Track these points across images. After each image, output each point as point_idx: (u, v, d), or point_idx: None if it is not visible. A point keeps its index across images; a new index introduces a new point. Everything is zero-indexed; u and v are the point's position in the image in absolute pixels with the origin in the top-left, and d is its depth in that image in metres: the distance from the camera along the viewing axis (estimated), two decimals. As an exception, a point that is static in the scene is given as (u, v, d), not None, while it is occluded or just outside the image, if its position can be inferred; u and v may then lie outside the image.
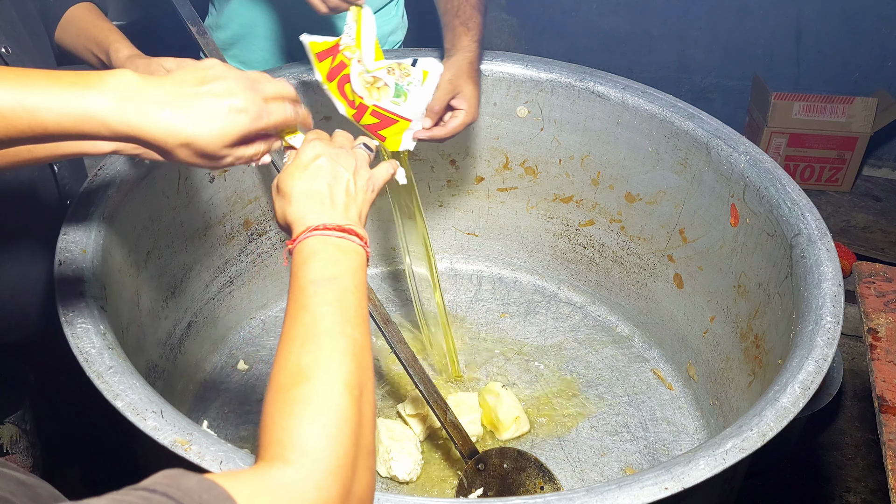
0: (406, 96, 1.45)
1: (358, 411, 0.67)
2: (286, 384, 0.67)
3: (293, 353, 0.70)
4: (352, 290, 0.77)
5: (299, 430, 0.63)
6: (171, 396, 1.53)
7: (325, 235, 0.81)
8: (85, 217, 1.28)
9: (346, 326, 0.73)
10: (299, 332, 0.72)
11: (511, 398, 1.59)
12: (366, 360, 0.73)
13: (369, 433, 0.68)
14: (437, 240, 1.96)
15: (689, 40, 2.95)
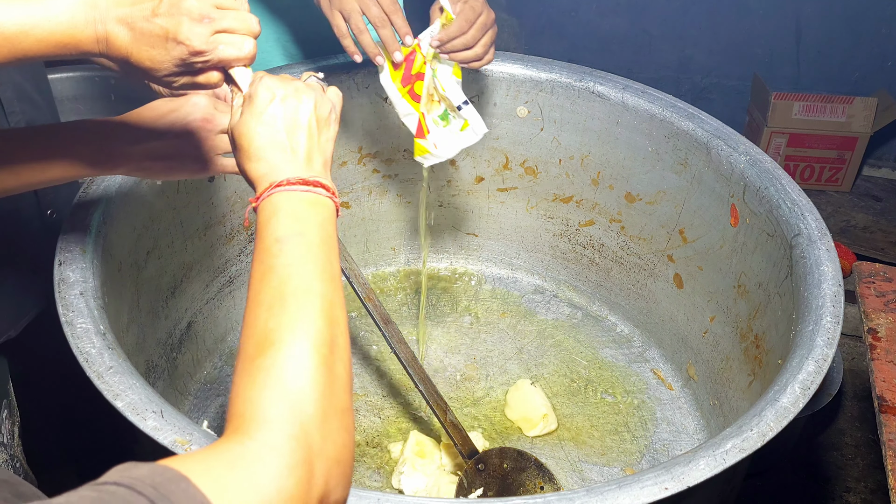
0: (448, 123, 1.41)
1: (328, 371, 0.65)
2: (252, 353, 0.66)
3: (259, 318, 0.68)
4: (318, 245, 0.74)
5: (260, 400, 0.62)
6: (171, 396, 1.53)
7: (289, 191, 0.76)
8: (85, 217, 1.28)
9: (314, 283, 0.70)
10: (266, 295, 0.69)
11: (540, 395, 1.60)
12: (337, 316, 0.70)
13: (343, 391, 0.66)
14: (436, 240, 1.97)
15: (689, 40, 2.95)
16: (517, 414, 1.60)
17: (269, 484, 0.57)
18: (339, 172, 1.81)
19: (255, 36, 0.81)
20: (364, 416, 1.60)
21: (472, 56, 1.37)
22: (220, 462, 0.57)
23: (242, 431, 0.60)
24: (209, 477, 0.55)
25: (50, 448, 1.73)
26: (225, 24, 0.78)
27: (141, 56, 0.76)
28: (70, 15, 0.75)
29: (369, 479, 1.49)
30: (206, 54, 0.77)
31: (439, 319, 1.84)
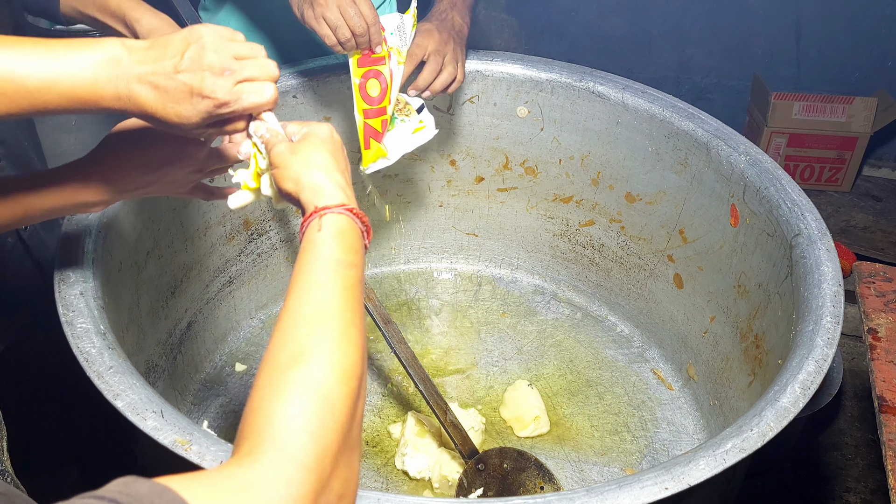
0: (392, 127, 1.47)
1: (352, 405, 0.64)
2: (285, 363, 0.64)
3: (300, 331, 0.67)
4: (362, 283, 0.75)
5: (282, 420, 0.60)
6: (171, 396, 1.54)
7: (353, 220, 0.77)
8: (85, 217, 1.28)
9: (356, 316, 0.70)
10: (311, 310, 0.68)
11: (536, 397, 1.60)
12: (365, 354, 0.70)
13: (358, 429, 0.66)
14: (437, 240, 1.97)
15: (689, 40, 2.95)
16: (511, 413, 1.60)
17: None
18: (339, 172, 1.81)
19: (275, 80, 0.83)
20: (364, 415, 1.60)
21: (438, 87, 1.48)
22: (225, 490, 0.55)
23: (256, 454, 0.58)
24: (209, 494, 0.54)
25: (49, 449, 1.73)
26: (246, 74, 0.80)
27: (167, 112, 0.78)
28: (93, 72, 0.76)
29: (370, 479, 1.49)
30: (232, 105, 0.79)
31: (439, 319, 1.84)
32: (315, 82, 1.67)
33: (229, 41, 0.80)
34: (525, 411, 1.58)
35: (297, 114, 1.68)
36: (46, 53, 0.75)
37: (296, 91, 1.66)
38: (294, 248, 1.84)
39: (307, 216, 0.77)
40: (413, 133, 1.48)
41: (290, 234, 1.81)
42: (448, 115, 1.78)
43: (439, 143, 1.81)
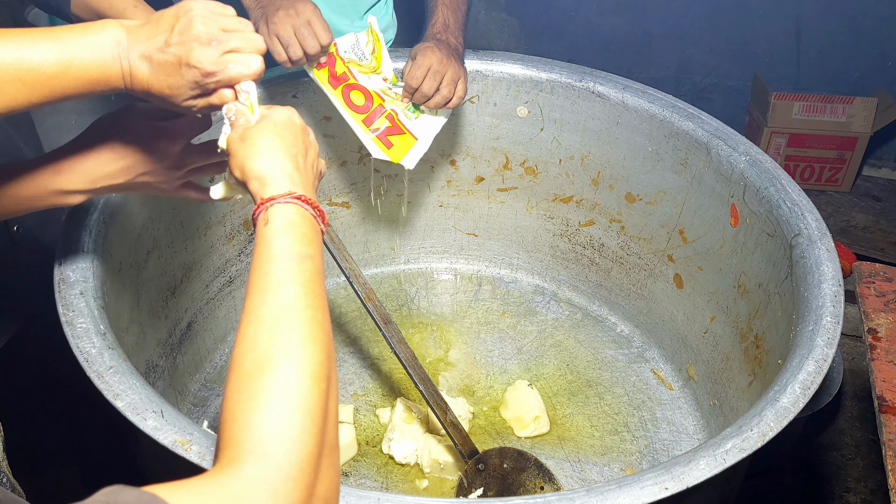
0: (419, 115, 1.53)
1: (324, 405, 0.63)
2: (251, 371, 0.62)
3: (262, 335, 0.65)
4: (320, 273, 0.72)
5: (260, 430, 0.58)
6: (171, 396, 1.53)
7: (304, 208, 0.76)
8: (85, 217, 1.28)
9: (318, 312, 0.68)
10: (270, 310, 0.66)
11: (536, 397, 1.60)
12: (332, 350, 0.69)
13: (333, 428, 0.64)
14: (437, 240, 1.97)
15: (689, 40, 2.95)
16: (511, 413, 1.60)
17: None
18: (339, 172, 1.81)
19: (261, 53, 0.84)
20: (364, 415, 1.60)
21: (439, 101, 1.50)
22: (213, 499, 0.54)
23: (239, 464, 0.57)
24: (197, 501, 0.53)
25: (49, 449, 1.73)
26: (232, 45, 0.81)
27: (160, 85, 0.81)
28: (101, 53, 0.79)
29: (370, 479, 1.49)
30: (218, 74, 0.81)
31: (440, 319, 1.84)
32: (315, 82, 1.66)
33: (218, 14, 0.81)
34: (525, 411, 1.58)
35: (297, 114, 1.68)
36: (56, 40, 0.78)
37: (295, 91, 1.66)
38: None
39: (255, 209, 0.76)
40: (437, 115, 1.55)
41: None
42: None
43: (439, 143, 1.81)
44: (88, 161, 0.94)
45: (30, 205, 0.96)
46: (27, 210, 0.97)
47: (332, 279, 1.89)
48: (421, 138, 1.53)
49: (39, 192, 0.94)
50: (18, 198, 0.94)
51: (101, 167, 0.94)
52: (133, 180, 0.96)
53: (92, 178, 0.95)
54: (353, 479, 1.48)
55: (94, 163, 0.94)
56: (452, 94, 1.51)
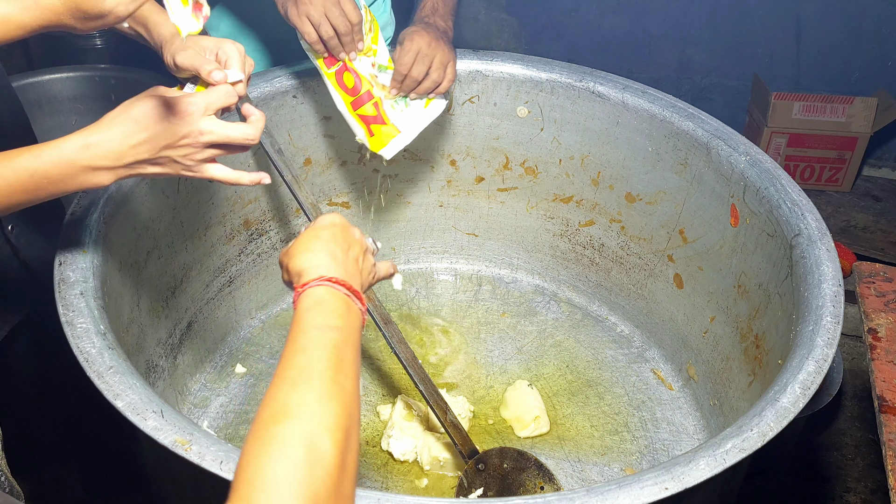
0: (407, 106, 1.52)
1: (339, 456, 0.66)
2: (267, 421, 0.67)
3: (281, 391, 0.70)
4: (350, 344, 0.79)
5: (272, 472, 0.62)
6: (171, 396, 1.53)
7: (334, 288, 0.84)
8: (85, 217, 1.28)
9: (339, 375, 0.73)
10: (291, 372, 0.72)
11: (536, 397, 1.61)
12: (354, 410, 0.72)
13: (350, 481, 0.67)
14: (437, 240, 1.97)
15: (689, 40, 2.95)
16: (511, 413, 1.60)
17: None
18: (339, 172, 1.81)
19: None
20: (364, 415, 1.60)
21: (429, 86, 1.50)
22: None
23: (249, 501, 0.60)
24: None
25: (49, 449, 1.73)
26: None
27: None
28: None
29: (370, 478, 1.49)
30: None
31: (440, 319, 1.84)
32: (315, 82, 1.67)
33: None
34: (525, 411, 1.58)
35: (297, 113, 1.68)
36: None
37: (295, 91, 1.66)
38: (294, 248, 1.84)
39: (294, 298, 0.84)
40: (426, 107, 1.53)
41: (290, 235, 1.81)
42: (447, 115, 1.78)
43: (439, 143, 1.82)
44: (114, 135, 0.95)
45: (59, 186, 0.96)
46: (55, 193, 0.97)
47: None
48: (404, 131, 1.52)
49: (68, 171, 0.95)
50: (50, 177, 0.94)
51: (127, 139, 0.95)
52: (158, 155, 0.97)
53: (119, 152, 0.95)
54: (353, 479, 1.48)
55: (120, 137, 0.95)
56: (443, 77, 1.50)
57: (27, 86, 2.26)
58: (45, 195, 0.97)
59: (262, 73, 1.64)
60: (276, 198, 1.73)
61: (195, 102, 0.97)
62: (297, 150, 1.72)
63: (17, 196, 0.95)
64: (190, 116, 0.96)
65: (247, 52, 1.75)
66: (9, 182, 0.94)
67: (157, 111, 0.95)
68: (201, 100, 0.97)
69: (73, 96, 2.31)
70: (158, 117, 0.95)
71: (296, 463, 0.63)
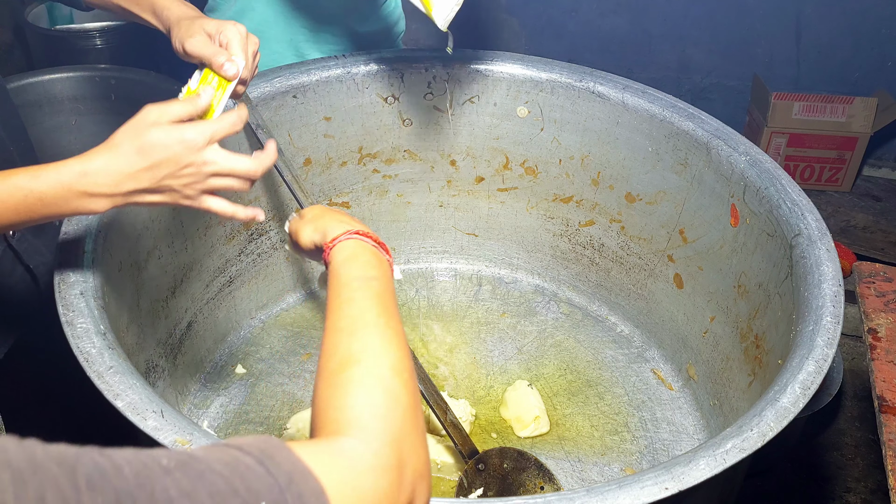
0: None
1: (408, 392, 0.70)
2: (336, 369, 0.70)
3: (342, 341, 0.73)
4: (390, 290, 0.83)
5: (353, 409, 0.65)
6: (171, 396, 1.53)
7: (363, 241, 0.88)
8: (85, 218, 1.28)
9: (390, 319, 0.77)
10: (346, 322, 0.75)
11: (536, 397, 1.60)
12: (408, 350, 0.76)
13: (419, 413, 0.70)
14: (437, 240, 1.97)
15: (689, 40, 2.95)
16: (511, 413, 1.60)
17: (366, 477, 0.60)
18: (339, 172, 1.81)
19: None
20: (364, 416, 1.60)
21: None
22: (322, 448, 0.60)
23: (340, 434, 0.64)
24: (312, 455, 0.58)
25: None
26: None
27: None
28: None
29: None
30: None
31: (440, 319, 1.84)
32: (315, 82, 1.67)
33: None
34: (525, 411, 1.58)
35: (297, 113, 1.68)
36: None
37: (295, 91, 1.66)
38: (294, 248, 1.84)
39: (324, 254, 0.88)
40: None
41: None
42: (447, 115, 1.78)
43: (439, 143, 1.82)
44: (114, 163, 0.94)
45: (53, 209, 0.95)
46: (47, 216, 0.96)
47: (332, 279, 1.89)
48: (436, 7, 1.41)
49: (64, 195, 0.94)
50: (44, 200, 0.94)
51: (127, 168, 0.94)
52: (158, 184, 0.95)
53: (117, 179, 0.94)
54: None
55: (120, 165, 0.94)
56: None
57: (27, 86, 2.26)
58: (38, 217, 0.96)
59: (263, 74, 1.64)
60: (276, 198, 1.73)
61: (202, 131, 0.95)
62: (297, 150, 1.72)
63: (8, 215, 0.94)
64: (195, 145, 0.94)
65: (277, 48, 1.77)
66: (2, 200, 0.93)
67: (162, 140, 0.93)
68: (207, 128, 0.96)
69: (73, 96, 2.31)
70: (162, 146, 0.93)
71: (376, 402, 0.66)
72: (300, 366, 1.70)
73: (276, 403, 1.61)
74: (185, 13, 1.16)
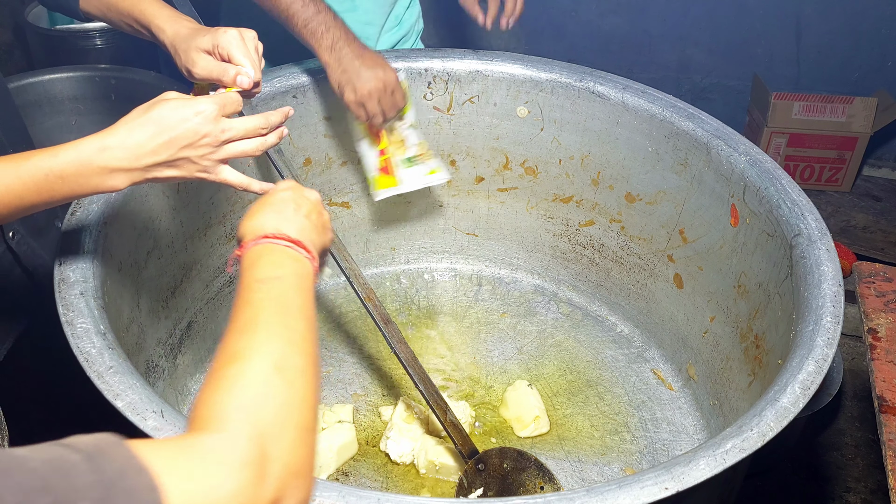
0: (412, 166, 1.68)
1: (288, 388, 0.69)
2: (217, 367, 0.70)
3: (230, 340, 0.73)
4: (294, 289, 0.82)
5: (220, 404, 0.65)
6: (171, 396, 1.54)
7: (273, 243, 0.88)
8: (85, 217, 1.28)
9: (287, 318, 0.76)
10: (240, 323, 0.75)
11: (535, 397, 1.61)
12: (306, 348, 0.75)
13: (302, 410, 0.69)
14: (437, 240, 1.97)
15: (689, 40, 2.95)
16: (511, 413, 1.60)
17: (216, 472, 0.59)
18: (340, 172, 1.81)
19: None
20: (364, 415, 1.60)
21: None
22: (169, 444, 0.60)
23: (201, 429, 0.63)
24: (154, 451, 0.57)
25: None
26: None
27: None
28: None
29: (370, 478, 1.49)
30: None
31: (440, 319, 1.84)
32: (315, 82, 1.67)
33: None
34: (525, 411, 1.58)
35: (297, 113, 1.68)
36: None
37: (296, 91, 1.66)
38: (294, 248, 1.84)
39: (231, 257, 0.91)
40: (427, 174, 1.68)
41: (290, 234, 1.81)
42: (447, 115, 1.78)
43: (439, 143, 1.82)
44: (133, 137, 0.95)
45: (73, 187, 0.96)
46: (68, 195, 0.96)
47: (332, 279, 1.89)
48: (402, 184, 1.67)
49: (84, 171, 0.94)
50: (64, 177, 0.94)
51: (146, 141, 0.95)
52: (176, 156, 0.97)
53: (136, 153, 0.95)
54: (353, 479, 1.48)
55: (139, 138, 0.95)
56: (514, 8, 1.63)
57: (27, 86, 2.26)
58: (59, 197, 0.96)
59: (263, 74, 1.64)
60: (276, 198, 1.73)
61: (214, 101, 0.98)
62: (297, 150, 1.72)
63: (30, 196, 0.94)
64: (210, 114, 0.97)
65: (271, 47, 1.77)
66: (24, 181, 0.93)
67: (178, 112, 0.96)
68: (218, 99, 0.99)
69: (73, 96, 2.31)
70: (179, 118, 0.95)
71: (245, 397, 0.66)
72: (300, 366, 1.70)
73: (276, 403, 1.61)
74: (177, 33, 1.16)
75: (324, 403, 1.60)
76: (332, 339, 1.77)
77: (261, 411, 0.65)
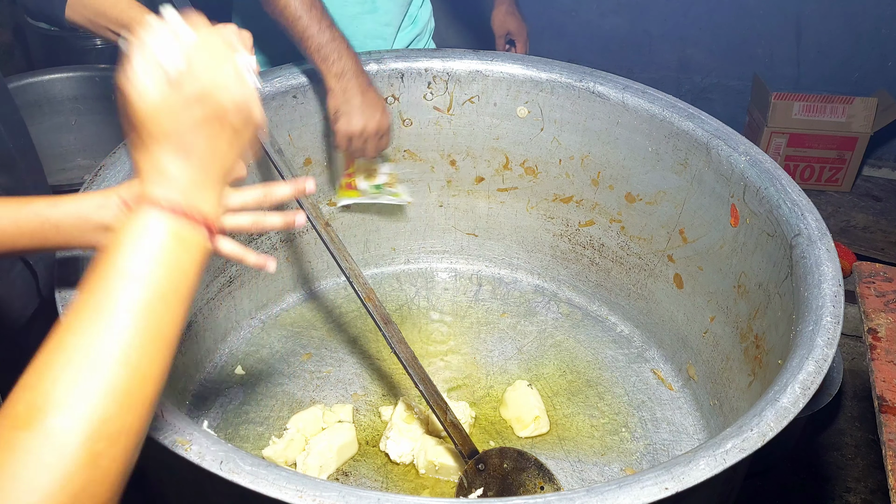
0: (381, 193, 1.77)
1: (92, 468, 0.57)
2: (12, 418, 0.57)
3: (50, 368, 0.59)
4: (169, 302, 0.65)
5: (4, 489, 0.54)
6: (171, 396, 1.53)
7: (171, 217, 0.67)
8: (85, 217, 1.28)
9: (132, 350, 0.62)
10: (72, 339, 0.60)
11: (535, 397, 1.60)
12: (138, 400, 0.62)
13: (107, 488, 0.59)
14: (436, 240, 1.97)
15: (689, 40, 2.95)
16: (511, 413, 1.60)
17: None
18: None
19: None
20: (364, 415, 1.60)
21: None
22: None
23: None
24: None
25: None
26: None
27: None
28: None
29: (370, 478, 1.49)
30: None
31: (440, 319, 1.84)
32: (315, 82, 1.67)
33: None
34: (525, 411, 1.58)
35: (297, 113, 1.68)
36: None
37: (296, 91, 1.66)
38: (294, 248, 1.84)
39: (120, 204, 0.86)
40: (390, 196, 1.77)
41: (290, 234, 1.81)
42: (447, 115, 1.78)
43: (439, 143, 1.82)
44: None
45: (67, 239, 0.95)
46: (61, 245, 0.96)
47: (332, 279, 1.89)
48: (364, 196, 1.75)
49: (81, 226, 0.94)
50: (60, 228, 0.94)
51: None
52: None
53: None
54: (353, 479, 1.48)
55: None
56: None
57: (27, 86, 2.26)
58: (51, 245, 0.96)
59: (263, 74, 1.64)
60: (276, 198, 1.73)
61: None
62: (297, 150, 1.72)
63: (23, 240, 0.94)
64: None
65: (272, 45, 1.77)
66: (19, 225, 0.93)
67: None
68: None
69: (73, 96, 2.31)
70: None
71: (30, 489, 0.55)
72: (300, 366, 1.70)
73: (276, 403, 1.61)
74: None
75: (324, 403, 1.60)
76: (332, 339, 1.77)
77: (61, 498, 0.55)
